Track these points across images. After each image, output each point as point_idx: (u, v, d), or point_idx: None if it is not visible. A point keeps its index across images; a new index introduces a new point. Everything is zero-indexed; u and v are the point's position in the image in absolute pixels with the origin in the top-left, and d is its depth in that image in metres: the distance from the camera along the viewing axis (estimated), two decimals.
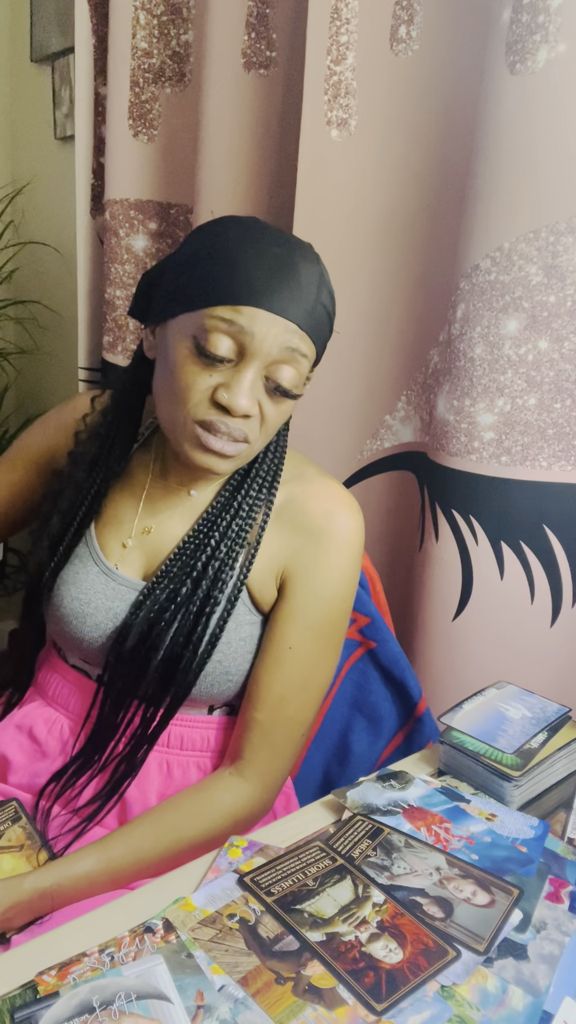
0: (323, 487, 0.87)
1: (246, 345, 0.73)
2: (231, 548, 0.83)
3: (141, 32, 1.41)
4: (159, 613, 0.82)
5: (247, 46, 1.28)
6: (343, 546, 0.84)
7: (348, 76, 1.14)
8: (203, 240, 0.77)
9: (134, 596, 0.85)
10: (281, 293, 0.73)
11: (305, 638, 0.84)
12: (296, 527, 0.84)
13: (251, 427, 0.77)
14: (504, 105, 0.95)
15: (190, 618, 0.81)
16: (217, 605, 0.82)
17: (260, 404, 0.76)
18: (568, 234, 0.94)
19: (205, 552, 0.83)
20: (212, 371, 0.74)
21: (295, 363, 0.75)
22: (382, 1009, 0.53)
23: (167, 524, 0.87)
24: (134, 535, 0.87)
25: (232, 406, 0.74)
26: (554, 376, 0.99)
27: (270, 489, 0.85)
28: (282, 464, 0.87)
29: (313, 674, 0.85)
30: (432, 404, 1.14)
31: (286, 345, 0.74)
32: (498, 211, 0.97)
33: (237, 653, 0.84)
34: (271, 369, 0.75)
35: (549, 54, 0.91)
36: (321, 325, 0.77)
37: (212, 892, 0.64)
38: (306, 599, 0.84)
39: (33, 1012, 0.53)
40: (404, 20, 1.11)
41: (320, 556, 0.84)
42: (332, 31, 1.13)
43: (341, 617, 0.87)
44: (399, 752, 1.04)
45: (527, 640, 1.07)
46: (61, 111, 2.14)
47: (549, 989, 0.56)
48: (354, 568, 0.86)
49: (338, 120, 1.16)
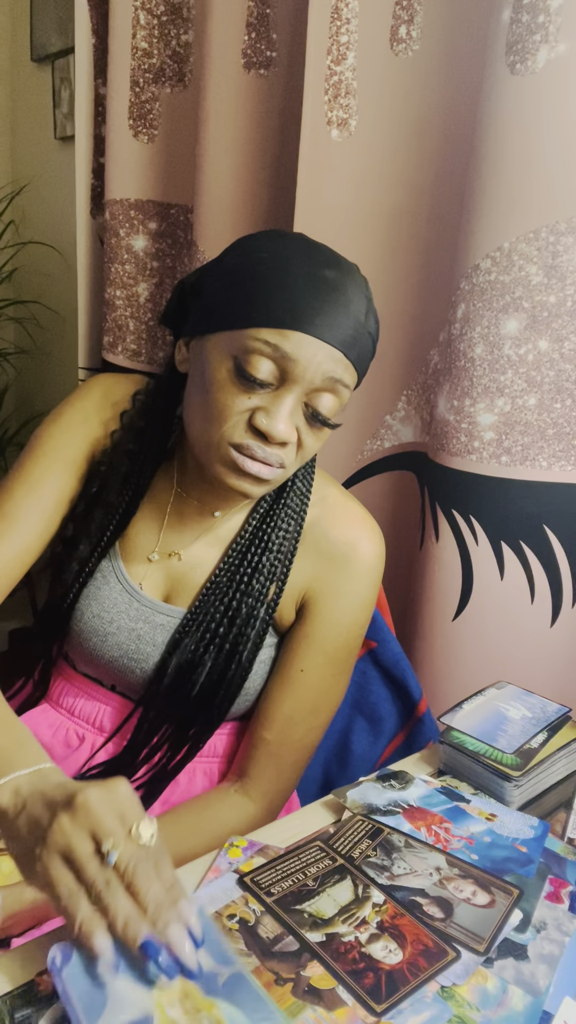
0: (346, 512, 0.85)
1: (288, 371, 0.70)
2: (263, 584, 0.82)
3: (141, 32, 1.41)
4: (196, 653, 0.81)
5: (247, 46, 1.28)
6: (365, 574, 0.83)
7: (348, 76, 1.14)
8: (249, 255, 0.73)
9: (159, 619, 0.84)
10: (328, 319, 0.70)
11: (318, 662, 0.83)
12: (319, 553, 0.83)
13: (288, 454, 0.74)
14: (504, 105, 0.95)
15: (223, 656, 0.81)
16: (248, 642, 0.82)
17: (298, 430, 0.73)
18: (568, 234, 0.94)
19: (239, 589, 0.81)
20: (251, 394, 0.71)
21: (336, 392, 0.73)
22: (382, 1010, 0.53)
23: (194, 549, 0.85)
24: (159, 554, 0.85)
25: (271, 432, 0.71)
26: (554, 376, 0.99)
27: (301, 520, 0.83)
28: (310, 491, 0.84)
29: (323, 698, 0.85)
30: (432, 404, 1.14)
31: (329, 374, 0.71)
32: (498, 211, 0.97)
33: (256, 674, 0.84)
34: (311, 396, 0.72)
35: (549, 54, 0.91)
36: (365, 353, 0.74)
37: (212, 892, 0.64)
38: (324, 625, 0.83)
39: (33, 1012, 0.53)
40: (404, 20, 1.11)
41: (341, 583, 0.83)
42: (332, 31, 1.13)
43: (355, 643, 0.86)
44: (399, 752, 1.04)
45: (527, 640, 1.07)
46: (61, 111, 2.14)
47: (549, 989, 0.56)
48: (372, 595, 0.85)
49: (338, 120, 1.16)
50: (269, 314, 0.69)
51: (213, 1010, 0.52)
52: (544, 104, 0.92)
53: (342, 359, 0.71)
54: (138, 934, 0.50)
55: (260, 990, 0.54)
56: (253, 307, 0.70)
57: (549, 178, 0.94)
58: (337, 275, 0.71)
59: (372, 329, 0.75)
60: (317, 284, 0.70)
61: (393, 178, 1.16)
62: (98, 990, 0.51)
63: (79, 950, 0.52)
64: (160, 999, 0.52)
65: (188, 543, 0.85)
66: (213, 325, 0.73)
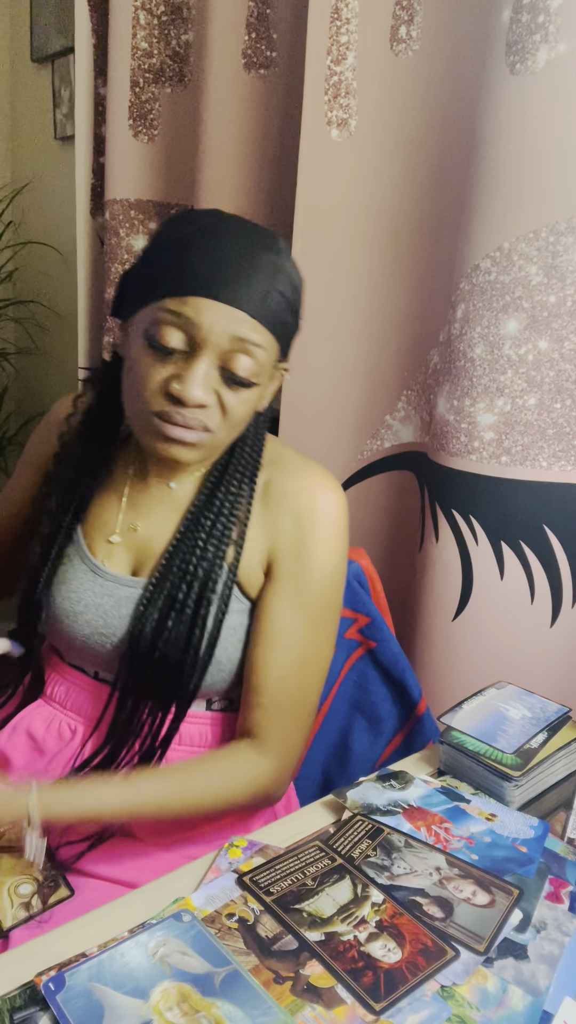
0: (302, 469, 0.87)
1: (195, 336, 0.73)
2: (218, 547, 0.83)
3: (141, 32, 1.41)
4: (160, 621, 0.82)
5: (247, 46, 1.28)
6: (328, 523, 0.84)
7: (348, 76, 1.14)
8: (159, 236, 0.78)
9: (122, 591, 0.85)
10: (229, 283, 0.73)
11: (296, 617, 0.84)
12: (278, 510, 0.84)
13: (210, 416, 0.77)
14: (504, 105, 0.95)
15: (187, 621, 0.82)
16: (211, 605, 0.82)
17: (219, 394, 0.76)
18: (568, 234, 0.94)
19: (194, 553, 0.83)
20: (166, 363, 0.75)
21: (248, 352, 0.75)
22: (380, 1008, 0.53)
23: (152, 520, 0.87)
24: (120, 531, 0.88)
25: (184, 396, 0.74)
26: (554, 376, 0.99)
27: (251, 482, 0.85)
28: (260, 455, 0.87)
29: (309, 653, 0.85)
30: (432, 404, 1.14)
31: (235, 335, 0.74)
32: (498, 211, 0.97)
33: (227, 642, 0.84)
34: (225, 359, 0.75)
35: (549, 54, 0.91)
36: (279, 314, 0.77)
37: (211, 892, 0.64)
38: (293, 579, 0.84)
39: (33, 1012, 0.53)
40: (404, 20, 1.11)
41: (304, 535, 0.83)
42: (332, 31, 1.13)
43: (332, 595, 0.86)
44: (399, 752, 1.04)
45: (527, 640, 1.07)
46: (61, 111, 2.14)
47: (549, 989, 0.56)
48: (340, 545, 0.86)
49: (338, 120, 1.16)
50: (172, 285, 0.73)
51: (212, 1010, 0.52)
52: (544, 104, 0.92)
53: (247, 319, 0.74)
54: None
55: (259, 988, 0.54)
56: (158, 281, 0.75)
57: (549, 178, 0.94)
58: (240, 240, 0.75)
59: (283, 289, 0.76)
60: (217, 251, 0.73)
61: (393, 178, 1.16)
62: (94, 1009, 0.52)
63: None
64: (158, 1004, 0.52)
65: (147, 516, 0.87)
66: (135, 305, 0.78)
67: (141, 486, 0.88)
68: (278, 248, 0.77)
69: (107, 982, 0.54)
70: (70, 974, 0.55)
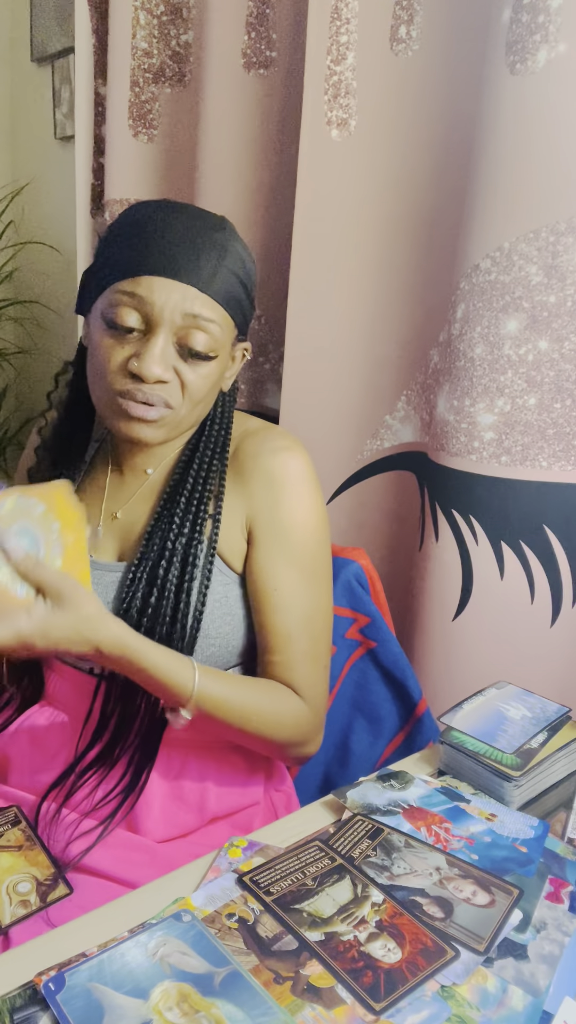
0: (267, 433, 0.88)
1: (149, 314, 0.76)
2: (194, 523, 0.84)
3: (141, 32, 1.41)
4: (144, 600, 0.83)
5: (247, 46, 1.28)
6: (299, 481, 0.86)
7: (348, 76, 1.14)
8: (112, 227, 0.81)
9: (108, 577, 0.86)
10: (177, 261, 0.76)
11: (289, 577, 0.85)
12: (249, 476, 0.86)
13: (170, 393, 0.79)
14: (504, 105, 0.95)
15: (170, 598, 0.83)
16: (194, 580, 0.83)
17: (178, 371, 0.78)
18: (568, 234, 0.94)
19: (171, 531, 0.84)
20: (124, 344, 0.78)
21: (202, 327, 0.77)
22: (380, 1008, 0.53)
23: (131, 506, 0.89)
24: (103, 521, 0.89)
25: (142, 372, 0.76)
26: (554, 376, 0.99)
27: (222, 457, 0.87)
28: (230, 431, 0.89)
29: (311, 606, 0.86)
30: (432, 404, 1.14)
31: (187, 311, 0.76)
32: (498, 211, 0.97)
33: (214, 615, 0.85)
34: (181, 335, 0.77)
35: (549, 54, 0.91)
36: (231, 291, 0.79)
37: (211, 892, 0.64)
38: (276, 538, 0.85)
39: (33, 1012, 0.53)
40: (404, 20, 1.11)
41: (277, 494, 0.85)
42: (332, 31, 1.13)
43: (319, 548, 0.87)
44: (399, 752, 1.04)
45: (527, 640, 1.07)
46: (61, 111, 2.14)
47: (549, 989, 0.56)
48: (314, 498, 0.87)
49: (338, 120, 1.16)
50: (125, 268, 0.77)
51: (212, 1010, 0.52)
52: (544, 104, 0.92)
53: (198, 295, 0.77)
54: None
55: (259, 988, 0.54)
56: (112, 267, 0.78)
57: (549, 178, 0.94)
58: (187, 222, 0.78)
59: (234, 267, 0.79)
60: (165, 233, 0.76)
61: (393, 178, 1.16)
62: (94, 1009, 0.52)
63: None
64: (158, 1004, 0.52)
65: (127, 503, 0.89)
66: (93, 294, 0.81)
67: (120, 477, 0.90)
68: (225, 228, 0.80)
69: (107, 982, 0.55)
70: (70, 974, 0.55)
